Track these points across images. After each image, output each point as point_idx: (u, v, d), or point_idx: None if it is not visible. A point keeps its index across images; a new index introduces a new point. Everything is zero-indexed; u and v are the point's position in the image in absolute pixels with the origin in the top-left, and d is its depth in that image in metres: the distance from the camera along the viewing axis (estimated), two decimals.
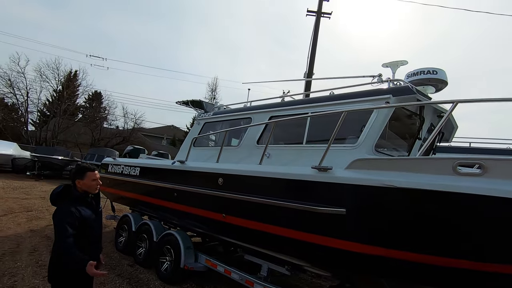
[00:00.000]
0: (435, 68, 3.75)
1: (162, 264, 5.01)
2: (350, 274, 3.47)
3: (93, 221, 2.53)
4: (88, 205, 2.55)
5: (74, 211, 2.38)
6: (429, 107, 3.70)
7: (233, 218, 4.03)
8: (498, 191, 2.23)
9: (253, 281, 3.97)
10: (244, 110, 5.23)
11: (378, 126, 3.28)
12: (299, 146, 3.95)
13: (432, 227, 2.59)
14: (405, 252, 2.72)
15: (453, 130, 4.36)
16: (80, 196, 2.52)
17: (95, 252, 2.60)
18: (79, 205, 2.46)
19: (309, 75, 8.62)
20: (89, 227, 2.48)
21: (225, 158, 4.59)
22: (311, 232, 3.22)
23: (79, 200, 2.50)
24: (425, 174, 2.54)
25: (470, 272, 2.54)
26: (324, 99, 4.01)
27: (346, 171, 2.97)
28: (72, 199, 2.47)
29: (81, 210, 2.44)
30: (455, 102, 2.60)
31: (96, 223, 2.60)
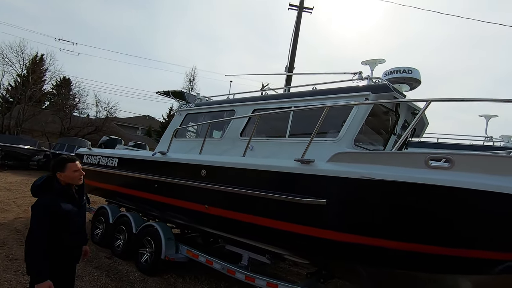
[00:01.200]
0: (410, 67, 3.98)
1: (142, 255, 4.98)
2: (328, 261, 3.65)
3: (74, 214, 2.44)
4: (70, 198, 2.46)
5: (52, 206, 2.29)
6: (404, 105, 3.93)
7: (216, 209, 4.08)
8: (464, 183, 2.46)
9: (235, 270, 4.08)
10: (228, 102, 5.24)
11: (358, 121, 3.45)
12: (282, 139, 4.06)
13: (406, 216, 2.81)
14: (381, 240, 2.92)
15: (424, 126, 4.66)
16: (62, 189, 2.41)
17: (78, 244, 2.56)
18: (60, 199, 2.37)
19: (290, 69, 8.73)
20: (70, 221, 2.41)
21: (207, 150, 4.60)
22: (293, 222, 3.36)
23: (61, 194, 2.41)
24: (400, 167, 2.73)
25: (441, 257, 2.79)
26: (307, 94, 4.12)
27: (328, 164, 3.12)
28: (53, 193, 2.39)
29: (61, 204, 2.35)
30: (429, 101, 2.81)
31: (78, 217, 2.52)
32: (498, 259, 2.70)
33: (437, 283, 3.15)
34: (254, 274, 3.89)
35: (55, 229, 2.28)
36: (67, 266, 2.49)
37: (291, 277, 5.34)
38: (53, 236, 2.27)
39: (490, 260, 2.72)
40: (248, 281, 3.93)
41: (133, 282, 4.47)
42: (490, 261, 2.73)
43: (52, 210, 2.28)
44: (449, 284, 3.15)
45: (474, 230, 2.64)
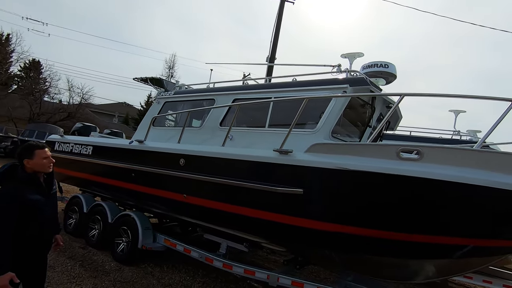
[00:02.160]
0: (387, 62, 4.10)
1: (118, 245, 4.90)
2: (305, 249, 3.78)
3: (43, 204, 2.34)
4: (37, 187, 2.35)
5: (17, 195, 2.19)
6: (379, 98, 4.06)
7: (195, 199, 4.08)
8: (430, 174, 2.61)
9: (213, 258, 4.13)
10: (207, 91, 5.17)
11: (335, 113, 3.54)
12: (262, 129, 4.09)
13: (377, 205, 2.95)
14: (354, 228, 3.06)
15: (398, 120, 4.85)
16: (27, 177, 2.29)
17: (49, 234, 2.48)
18: (25, 188, 2.26)
19: (272, 60, 8.72)
20: (38, 210, 2.30)
21: (186, 139, 4.55)
22: (271, 211, 3.43)
23: (26, 182, 2.30)
24: (374, 158, 2.85)
25: (408, 244, 2.96)
26: (287, 85, 4.15)
27: (306, 154, 3.19)
28: (17, 181, 2.27)
29: (27, 193, 2.24)
30: (402, 95, 2.93)
31: (47, 206, 2.42)
32: (459, 244, 2.92)
33: (404, 268, 3.36)
34: (231, 262, 3.96)
35: (22, 219, 2.19)
36: (37, 257, 2.41)
37: (269, 265, 5.48)
38: (20, 226, 2.17)
39: (452, 246, 2.94)
40: (225, 269, 4.00)
41: (109, 271, 4.41)
42: (452, 246, 2.94)
43: (17, 199, 2.17)
44: (415, 268, 3.37)
45: (438, 218, 2.82)
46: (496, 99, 2.73)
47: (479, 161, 2.61)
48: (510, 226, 2.85)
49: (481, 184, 2.53)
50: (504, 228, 2.86)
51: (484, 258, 3.19)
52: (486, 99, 2.82)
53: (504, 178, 2.53)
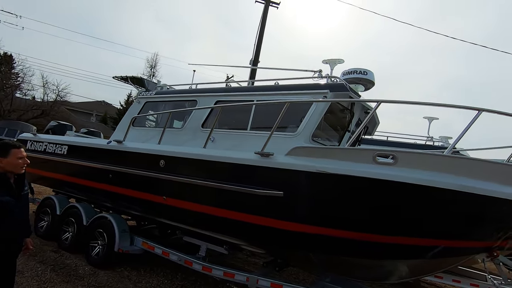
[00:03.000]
0: (366, 69, 4.25)
1: (93, 248, 4.74)
2: (284, 251, 3.82)
3: (13, 205, 2.24)
4: (7, 188, 2.25)
5: None
6: (358, 104, 4.19)
7: (174, 201, 4.03)
8: (405, 178, 2.73)
9: (192, 261, 4.08)
10: (190, 92, 5.13)
11: (316, 117, 3.62)
12: (244, 132, 4.10)
13: (354, 207, 3.03)
14: (332, 230, 3.13)
15: (375, 125, 5.01)
16: None
17: (18, 237, 2.37)
18: None
19: (255, 63, 8.77)
20: (9, 212, 2.21)
21: (167, 140, 4.49)
22: (251, 213, 3.45)
23: None
24: (351, 162, 2.94)
25: (383, 245, 3.06)
26: (269, 89, 4.20)
27: (286, 157, 3.24)
28: None
29: None
30: (379, 102, 3.04)
31: (17, 208, 2.31)
32: (431, 245, 3.06)
33: (379, 268, 3.47)
34: (211, 265, 3.93)
35: None
36: (5, 261, 2.30)
37: (248, 267, 5.48)
38: None
39: (424, 247, 3.07)
40: (205, 272, 3.96)
41: (82, 276, 4.26)
42: (424, 247, 3.07)
43: None
44: (389, 268, 3.50)
45: (412, 220, 2.95)
46: (465, 107, 2.90)
47: (449, 166, 2.76)
48: (477, 227, 3.03)
49: (450, 188, 2.67)
50: (471, 229, 3.03)
51: (454, 258, 3.36)
52: (457, 107, 2.99)
53: (471, 182, 2.68)
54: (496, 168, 2.82)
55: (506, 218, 2.97)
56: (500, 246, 3.51)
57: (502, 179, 2.73)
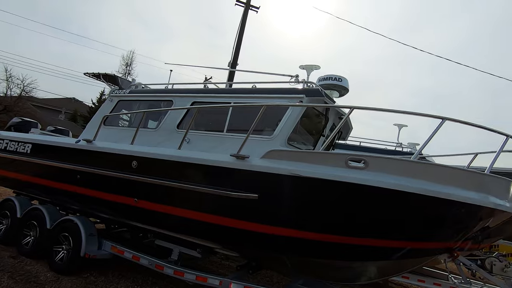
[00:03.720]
0: (341, 76, 4.38)
1: (57, 253, 4.48)
2: (258, 253, 3.82)
3: None
4: None
5: None
6: (333, 109, 4.30)
7: (147, 203, 3.92)
8: (374, 182, 2.83)
9: (163, 265, 3.97)
10: (166, 92, 5.02)
11: (292, 121, 3.67)
12: (220, 134, 4.08)
13: (328, 210, 3.10)
14: (305, 232, 3.18)
15: (349, 130, 5.18)
16: None
17: None
18: None
19: (234, 65, 8.77)
20: None
21: (140, 141, 4.36)
22: (226, 216, 3.43)
23: None
24: (325, 166, 3.01)
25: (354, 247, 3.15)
26: (247, 91, 4.21)
27: (262, 160, 3.26)
28: None
29: None
30: (352, 108, 3.15)
31: None
32: (398, 247, 3.19)
33: (349, 270, 3.57)
34: (183, 269, 3.85)
35: None
36: None
37: (222, 270, 5.42)
38: None
39: (392, 248, 3.20)
40: (177, 276, 3.87)
41: (44, 283, 4.00)
42: (392, 248, 3.20)
43: None
44: (359, 270, 3.60)
45: (380, 223, 3.06)
46: (430, 116, 3.06)
47: (416, 171, 2.90)
48: (440, 229, 3.21)
49: (416, 192, 2.80)
50: (435, 231, 3.20)
51: (419, 259, 3.52)
52: (423, 115, 3.16)
53: (435, 186, 2.83)
54: (457, 173, 3.01)
55: (465, 221, 3.17)
56: (460, 247, 3.74)
57: (463, 183, 2.91)
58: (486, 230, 3.60)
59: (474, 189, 2.90)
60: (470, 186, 2.90)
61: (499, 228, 4.37)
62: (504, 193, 3.09)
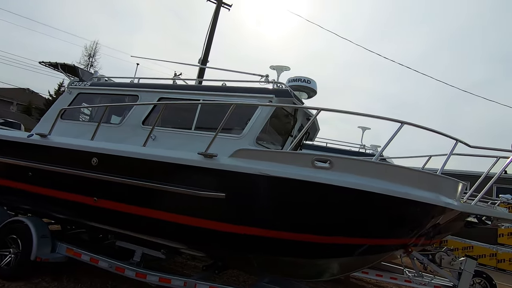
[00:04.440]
0: (309, 78, 4.48)
1: (3, 258, 4.10)
2: (225, 253, 3.79)
3: None
4: None
5: None
6: (301, 110, 4.40)
7: (107, 202, 3.73)
8: (338, 181, 2.93)
9: (124, 267, 3.79)
10: (131, 86, 4.80)
11: (261, 121, 3.69)
12: (188, 131, 3.98)
13: (294, 209, 3.16)
14: (272, 231, 3.21)
15: (316, 131, 5.32)
16: None
17: None
18: None
19: (204, 62, 8.62)
20: None
21: (102, 136, 4.13)
22: (192, 216, 3.36)
23: None
24: (292, 166, 3.06)
25: (319, 245, 3.23)
26: (216, 89, 4.16)
27: (230, 159, 3.23)
28: None
29: None
30: (319, 109, 3.24)
31: None
32: (359, 243, 3.34)
33: (314, 267, 3.67)
34: (145, 270, 3.71)
35: None
36: None
37: (188, 271, 5.31)
38: None
39: (353, 245, 3.34)
40: (139, 278, 3.72)
41: None
42: (353, 245, 3.34)
43: None
44: (323, 267, 3.72)
45: (344, 221, 3.18)
46: (391, 120, 3.23)
47: (377, 172, 3.05)
48: (398, 227, 3.41)
49: (377, 192, 2.95)
50: (393, 229, 3.40)
51: (378, 255, 3.72)
52: (385, 119, 3.32)
53: (395, 186, 3.00)
54: (413, 174, 3.22)
55: (420, 218, 3.40)
56: (415, 243, 4.01)
57: (418, 184, 3.11)
58: (437, 227, 3.89)
59: (427, 189, 3.12)
60: (424, 186, 3.12)
61: (448, 225, 4.76)
62: (453, 192, 3.36)
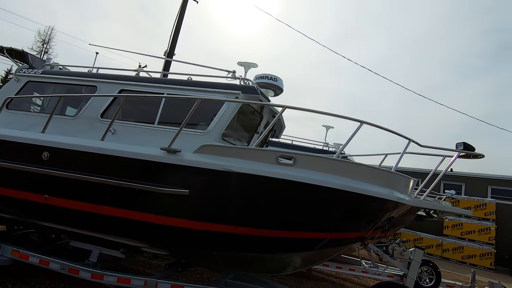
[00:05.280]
0: (276, 76, 4.53)
1: None
2: (189, 250, 3.72)
3: None
4: None
5: None
6: (267, 108, 4.44)
7: (60, 200, 3.47)
8: (300, 178, 3.01)
9: (78, 269, 3.57)
10: (89, 76, 4.49)
11: (227, 117, 3.66)
12: (150, 126, 3.83)
13: (258, 204, 3.19)
14: (237, 227, 3.22)
15: (282, 129, 5.41)
16: None
17: None
18: None
19: (170, 55, 8.33)
20: None
21: (55, 129, 3.83)
22: (154, 213, 3.26)
23: None
24: (257, 162, 3.09)
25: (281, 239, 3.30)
26: (181, 83, 4.04)
27: (194, 155, 3.18)
28: None
29: None
30: (284, 107, 3.29)
31: None
32: (322, 238, 3.47)
33: (277, 261, 3.74)
34: (102, 271, 3.52)
35: None
36: None
37: (149, 270, 5.14)
38: None
39: (315, 239, 3.46)
40: (95, 280, 3.52)
41: None
42: (315, 240, 3.46)
43: None
44: (286, 261, 3.81)
45: (306, 216, 3.28)
46: (352, 119, 3.38)
47: (338, 169, 3.18)
48: (357, 221, 3.59)
49: (339, 188, 3.08)
50: (353, 223, 3.57)
51: (338, 248, 3.89)
52: (347, 118, 3.46)
53: (353, 183, 3.15)
54: (371, 171, 3.40)
55: (376, 212, 3.61)
56: (371, 236, 4.27)
57: (375, 180, 3.30)
58: (391, 220, 4.16)
59: (383, 185, 3.32)
60: (380, 182, 3.31)
61: (401, 219, 5.12)
62: (405, 188, 3.62)
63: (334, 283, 6.27)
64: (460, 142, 3.65)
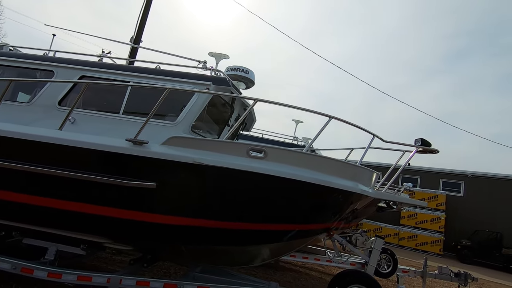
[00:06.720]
0: (248, 68, 4.50)
1: None
2: (155, 245, 3.62)
3: None
4: None
5: None
6: (238, 100, 4.40)
7: (11, 194, 3.19)
8: (270, 171, 3.04)
9: (33, 268, 3.32)
10: (45, 59, 4.12)
11: (197, 108, 3.57)
12: (115, 115, 3.62)
13: (227, 197, 3.17)
14: (204, 220, 3.18)
15: (253, 122, 5.41)
16: None
17: None
18: None
19: (137, 41, 7.90)
20: None
21: (4, 116, 3.49)
22: (118, 207, 3.12)
23: None
24: (227, 155, 3.06)
25: (249, 232, 3.32)
26: (149, 72, 3.86)
27: (161, 147, 3.07)
28: None
29: None
30: (256, 100, 3.28)
31: None
32: (288, 229, 3.54)
33: (244, 254, 3.77)
34: (60, 269, 3.31)
35: None
36: None
37: (112, 266, 4.93)
38: None
39: (283, 231, 3.53)
40: (52, 279, 3.29)
41: None
42: (283, 231, 3.53)
43: None
44: (254, 253, 3.85)
45: (275, 208, 3.33)
46: (321, 114, 3.46)
47: (307, 162, 3.26)
48: (323, 213, 3.71)
49: (307, 181, 3.15)
50: (319, 214, 3.69)
51: (305, 239, 4.01)
52: (316, 113, 3.53)
53: (321, 176, 3.24)
54: (337, 165, 3.52)
55: (341, 204, 3.76)
56: (336, 227, 4.45)
57: (341, 173, 3.43)
58: (354, 211, 4.37)
59: (348, 178, 3.46)
60: (346, 176, 3.45)
61: (363, 210, 5.39)
62: (368, 181, 3.80)
63: (300, 272, 6.48)
64: (418, 138, 3.89)
